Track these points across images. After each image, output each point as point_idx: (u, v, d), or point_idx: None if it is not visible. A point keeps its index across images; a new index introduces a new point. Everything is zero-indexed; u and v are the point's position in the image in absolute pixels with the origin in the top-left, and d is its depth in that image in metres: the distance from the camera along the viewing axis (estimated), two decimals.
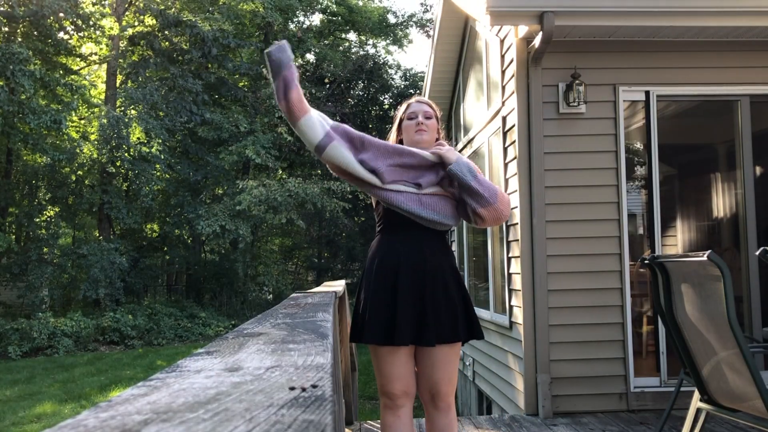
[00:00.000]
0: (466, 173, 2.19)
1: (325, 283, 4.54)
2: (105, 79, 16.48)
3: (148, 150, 13.89)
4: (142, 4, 15.65)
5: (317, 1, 19.72)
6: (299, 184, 14.54)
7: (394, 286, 2.18)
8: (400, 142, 2.38)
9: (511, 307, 4.60)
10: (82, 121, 15.59)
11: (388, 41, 22.06)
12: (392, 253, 2.23)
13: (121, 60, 15.77)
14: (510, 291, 4.63)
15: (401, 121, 2.39)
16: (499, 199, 2.21)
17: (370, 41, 22.35)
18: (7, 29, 13.20)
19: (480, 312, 5.76)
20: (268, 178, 16.35)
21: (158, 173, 15.00)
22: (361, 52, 21.45)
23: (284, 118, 16.17)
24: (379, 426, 4.07)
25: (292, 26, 19.21)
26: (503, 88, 4.81)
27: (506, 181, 4.66)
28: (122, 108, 14.91)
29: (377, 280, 2.22)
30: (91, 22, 13.66)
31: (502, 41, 4.86)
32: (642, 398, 4.14)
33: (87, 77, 17.56)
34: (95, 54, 16.38)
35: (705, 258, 2.28)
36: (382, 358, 2.22)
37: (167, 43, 15.84)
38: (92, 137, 14.37)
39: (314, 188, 14.54)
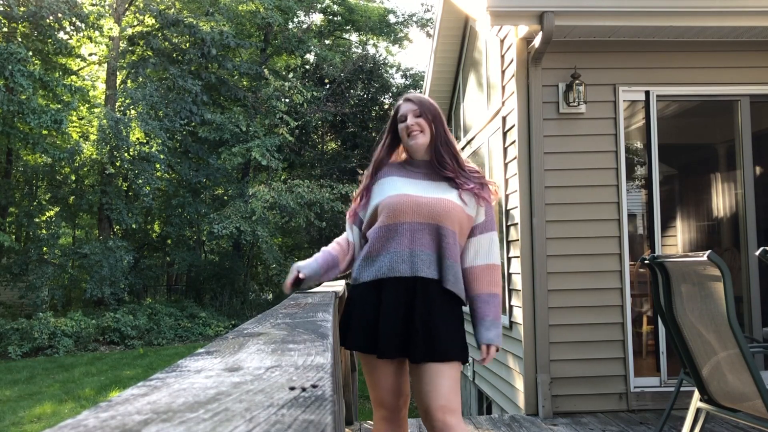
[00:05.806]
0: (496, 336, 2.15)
1: (325, 283, 4.52)
2: (105, 79, 16.48)
3: (147, 150, 13.90)
4: (142, 4, 15.64)
5: (317, 0, 19.71)
6: (308, 189, 14.52)
7: (378, 296, 2.09)
8: (393, 141, 2.29)
9: (511, 307, 4.60)
10: (82, 121, 15.59)
11: (388, 41, 22.04)
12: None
13: (120, 60, 15.76)
14: (510, 291, 4.63)
15: (394, 123, 2.28)
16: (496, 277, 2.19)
17: (371, 41, 22.34)
18: (6, 29, 13.20)
19: None
20: (269, 178, 16.36)
21: (158, 173, 15.01)
22: (361, 52, 21.44)
23: (284, 119, 16.06)
24: None
25: (292, 26, 19.20)
26: (503, 88, 4.80)
27: (506, 181, 4.65)
28: (122, 108, 14.91)
29: (364, 287, 2.14)
30: (90, 22, 13.64)
31: (502, 41, 4.86)
32: (642, 398, 4.14)
33: (87, 77, 17.56)
34: (94, 54, 16.37)
35: (705, 258, 2.28)
36: (374, 369, 2.13)
37: (167, 43, 15.84)
38: (92, 137, 14.38)
39: (325, 193, 14.54)
